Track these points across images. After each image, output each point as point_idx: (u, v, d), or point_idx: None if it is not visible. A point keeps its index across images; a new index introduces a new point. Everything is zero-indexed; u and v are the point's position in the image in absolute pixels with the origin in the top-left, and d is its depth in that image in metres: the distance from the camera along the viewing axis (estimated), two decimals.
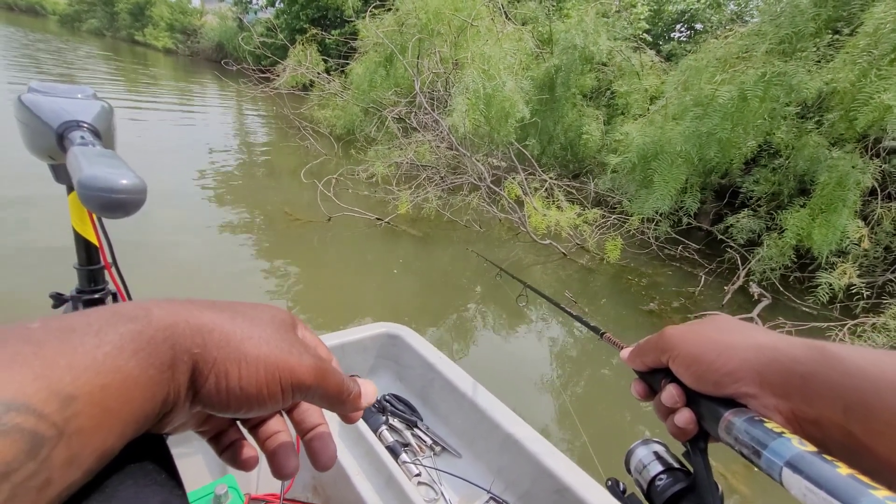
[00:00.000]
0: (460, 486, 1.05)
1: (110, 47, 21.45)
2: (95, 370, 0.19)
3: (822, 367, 0.31)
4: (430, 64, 6.16)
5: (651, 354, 0.42)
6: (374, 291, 3.57)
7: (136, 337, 0.21)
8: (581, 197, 5.52)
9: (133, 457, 0.23)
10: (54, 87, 0.64)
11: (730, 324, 0.40)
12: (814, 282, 3.80)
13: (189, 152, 6.26)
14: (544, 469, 0.97)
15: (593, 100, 6.61)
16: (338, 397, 0.28)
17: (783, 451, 0.30)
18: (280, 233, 4.22)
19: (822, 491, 0.26)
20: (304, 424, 0.30)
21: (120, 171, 0.49)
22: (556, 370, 3.01)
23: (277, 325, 0.27)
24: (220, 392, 0.23)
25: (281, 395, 0.25)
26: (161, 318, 0.22)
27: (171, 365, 0.22)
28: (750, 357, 0.35)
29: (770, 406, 0.33)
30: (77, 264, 0.77)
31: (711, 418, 0.36)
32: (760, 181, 4.78)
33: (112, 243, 0.78)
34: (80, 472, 0.18)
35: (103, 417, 0.19)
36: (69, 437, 0.17)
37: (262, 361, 0.24)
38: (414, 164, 5.49)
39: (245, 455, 0.30)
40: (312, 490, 1.07)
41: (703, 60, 4.15)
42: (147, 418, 0.22)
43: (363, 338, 1.35)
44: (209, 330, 0.23)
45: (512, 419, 1.09)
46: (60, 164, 0.68)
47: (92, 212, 0.51)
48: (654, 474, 0.42)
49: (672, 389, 0.39)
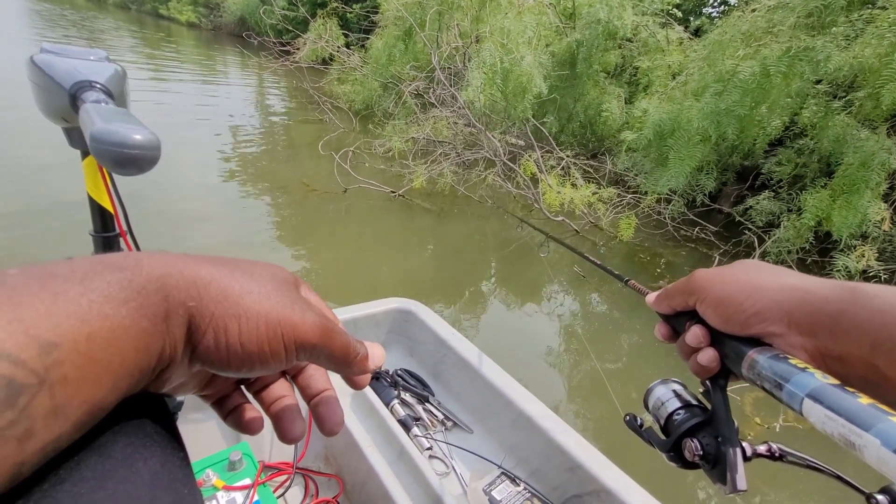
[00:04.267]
0: (471, 461, 1.05)
1: (136, 20, 21.67)
2: (80, 317, 0.17)
3: (851, 306, 0.32)
4: (449, 38, 6.10)
5: (678, 297, 0.43)
6: (387, 263, 3.63)
7: (125, 286, 0.20)
8: (598, 176, 5.46)
9: (130, 415, 0.22)
10: (67, 49, 0.63)
11: (759, 266, 0.40)
12: (833, 266, 3.73)
13: (210, 123, 6.36)
14: (556, 446, 0.96)
15: (616, 77, 6.47)
16: (344, 358, 0.26)
17: (805, 383, 0.31)
18: (297, 203, 4.30)
19: (841, 418, 0.28)
20: (309, 389, 0.30)
21: (134, 127, 0.48)
22: (566, 340, 3.04)
23: (279, 282, 0.25)
24: (219, 348, 0.22)
25: (284, 354, 0.24)
26: (153, 268, 0.21)
27: (164, 317, 0.21)
28: (779, 298, 0.36)
29: (796, 344, 0.35)
30: (92, 231, 0.76)
31: (735, 357, 0.37)
32: (783, 162, 4.66)
33: (127, 210, 0.77)
34: (67, 424, 0.17)
35: (91, 368, 0.17)
36: (52, 387, 0.16)
37: (262, 317, 0.23)
38: (430, 139, 5.49)
39: (248, 416, 0.29)
40: (324, 460, 1.09)
41: (727, 35, 4.03)
42: (142, 373, 0.20)
43: (375, 312, 1.33)
44: (205, 283, 0.22)
45: (524, 396, 1.09)
46: (74, 127, 0.67)
47: (105, 167, 0.51)
48: (671, 410, 0.43)
49: (697, 330, 0.41)
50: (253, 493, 0.78)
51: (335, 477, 1.03)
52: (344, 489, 1.01)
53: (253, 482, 0.80)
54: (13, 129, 4.42)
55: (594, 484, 0.89)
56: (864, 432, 0.26)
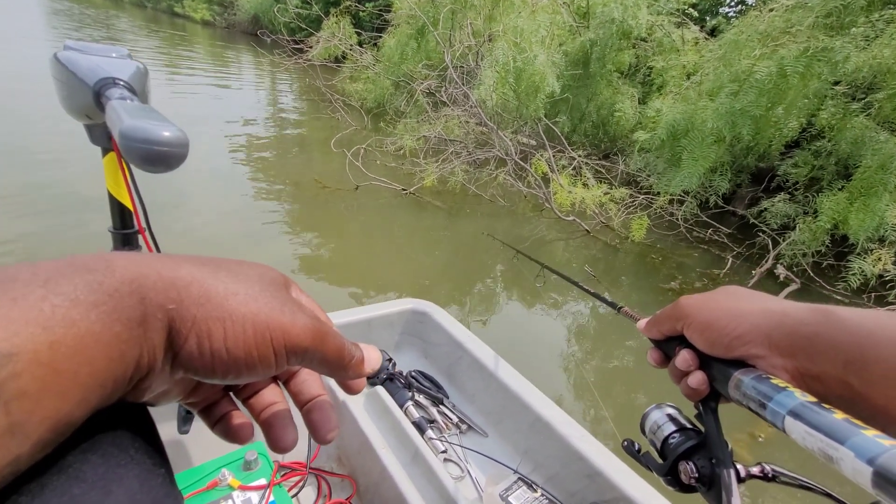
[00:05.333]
0: (487, 465, 1.03)
1: (151, 18, 21.88)
2: (41, 325, 0.16)
3: (825, 328, 0.34)
4: (462, 37, 6.09)
5: (667, 323, 0.45)
6: (397, 261, 3.64)
7: (95, 288, 0.18)
8: (610, 177, 5.43)
9: (105, 428, 0.20)
10: (90, 46, 0.63)
11: (741, 292, 0.42)
12: (848, 269, 3.67)
13: (223, 120, 6.41)
14: (574, 452, 0.94)
15: (629, 77, 6.42)
16: (338, 362, 0.25)
17: (786, 402, 0.32)
18: (308, 199, 4.33)
19: (819, 433, 0.29)
20: (302, 395, 0.28)
21: (162, 124, 0.48)
22: (575, 347, 3.03)
23: (267, 283, 0.24)
24: (203, 355, 0.20)
25: (274, 359, 0.22)
26: (126, 269, 0.19)
27: (141, 322, 0.19)
28: (759, 321, 0.38)
29: (777, 365, 0.36)
30: (111, 228, 0.77)
31: (722, 378, 0.39)
32: (799, 164, 4.59)
33: (146, 207, 0.76)
34: (27, 444, 0.15)
35: (54, 380, 0.16)
36: (7, 403, 0.15)
37: (249, 320, 0.21)
38: (442, 138, 5.49)
39: (236, 421, 0.27)
40: (337, 460, 1.09)
41: (743, 34, 3.98)
42: (116, 383, 0.18)
43: (389, 313, 1.32)
44: (185, 283, 0.20)
45: (541, 400, 1.07)
46: (96, 123, 0.68)
47: (133, 165, 0.51)
48: (667, 433, 0.45)
49: (686, 354, 0.42)
50: (269, 493, 0.79)
51: (348, 478, 1.03)
52: (357, 490, 1.01)
53: (268, 482, 0.81)
54: (39, 127, 4.49)
55: (614, 492, 0.87)
56: (839, 445, 0.28)
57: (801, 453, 0.31)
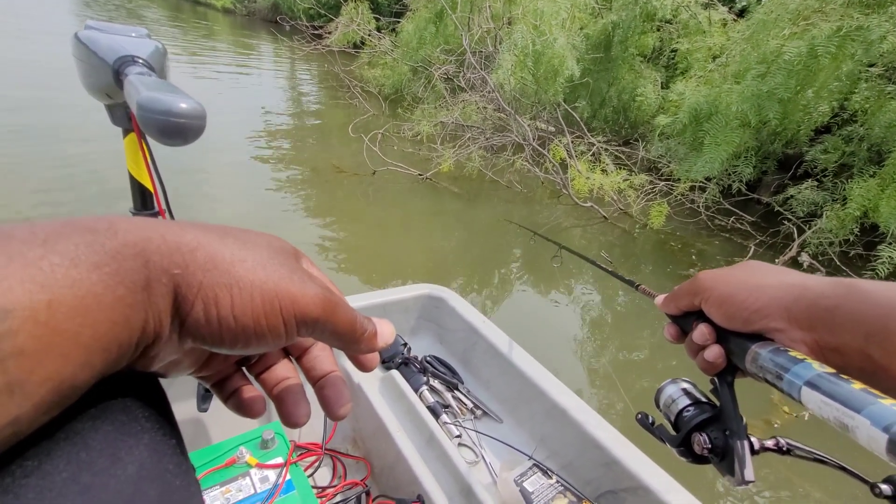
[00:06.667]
0: (501, 451, 1.04)
1: (173, 6, 22.05)
2: (39, 283, 0.15)
3: (847, 301, 0.34)
4: (481, 20, 6.00)
5: (685, 298, 0.46)
6: (413, 246, 3.65)
7: (96, 249, 0.17)
8: (630, 163, 5.32)
9: (115, 396, 0.19)
10: (110, 26, 0.64)
11: (761, 267, 0.43)
12: (878, 258, 3.55)
13: (242, 105, 6.47)
14: (591, 440, 0.94)
15: (652, 61, 6.25)
16: (350, 335, 0.24)
17: (803, 373, 0.33)
18: (326, 184, 4.36)
19: (835, 402, 0.29)
20: (314, 371, 0.28)
21: (180, 96, 0.48)
22: (592, 334, 3.01)
23: (275, 251, 0.23)
24: (210, 322, 0.20)
25: (283, 328, 0.21)
26: (129, 231, 0.18)
27: (144, 286, 0.18)
28: (778, 295, 0.38)
29: (796, 338, 0.36)
30: (132, 209, 0.78)
31: (739, 352, 0.39)
32: (829, 150, 4.43)
33: (166, 188, 0.78)
34: (27, 404, 0.15)
35: (54, 339, 0.15)
36: (2, 360, 0.14)
37: (257, 288, 0.20)
38: (459, 123, 5.45)
39: (248, 395, 0.27)
40: (352, 442, 1.10)
41: (773, 14, 3.83)
42: (121, 348, 0.18)
43: (405, 298, 1.32)
44: (191, 248, 0.20)
45: (557, 387, 1.07)
46: (116, 103, 0.69)
47: (151, 137, 0.51)
48: (682, 407, 0.45)
49: (703, 328, 0.43)
50: (286, 471, 0.80)
51: (363, 460, 1.05)
52: (372, 472, 1.02)
53: (285, 461, 0.82)
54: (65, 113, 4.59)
55: (631, 480, 0.86)
56: (856, 414, 0.28)
57: (816, 437, 0.30)
